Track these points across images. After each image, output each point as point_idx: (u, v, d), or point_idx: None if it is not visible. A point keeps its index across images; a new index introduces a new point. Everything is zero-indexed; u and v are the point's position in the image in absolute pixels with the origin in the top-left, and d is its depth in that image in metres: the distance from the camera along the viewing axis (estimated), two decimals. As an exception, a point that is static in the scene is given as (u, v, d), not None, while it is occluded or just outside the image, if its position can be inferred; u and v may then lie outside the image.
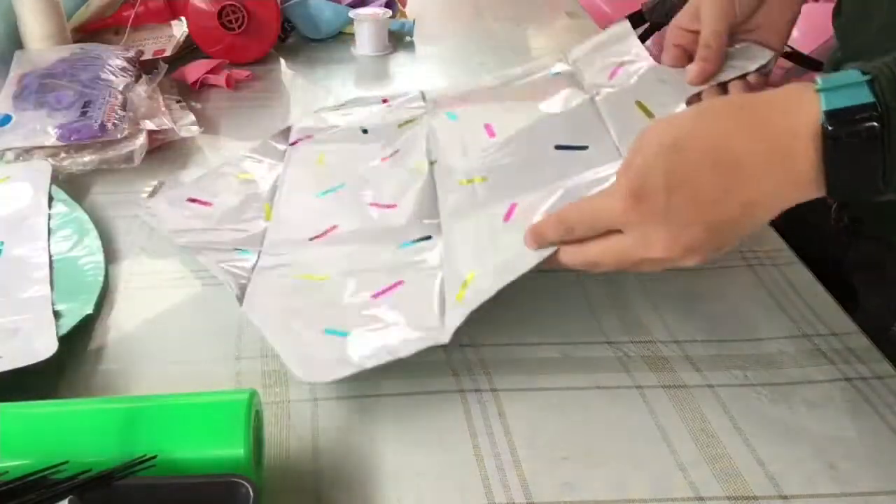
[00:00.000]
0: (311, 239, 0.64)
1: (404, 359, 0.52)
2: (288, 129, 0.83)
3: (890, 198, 0.43)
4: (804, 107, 0.43)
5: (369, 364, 0.50)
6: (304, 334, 0.53)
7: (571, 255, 0.51)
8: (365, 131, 0.80)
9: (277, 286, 0.59)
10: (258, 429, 0.45)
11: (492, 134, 0.70)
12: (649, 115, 0.64)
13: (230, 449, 0.42)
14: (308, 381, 0.49)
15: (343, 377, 0.49)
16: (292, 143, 0.80)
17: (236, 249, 0.64)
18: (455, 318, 0.52)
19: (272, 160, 0.77)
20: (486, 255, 0.56)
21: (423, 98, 0.85)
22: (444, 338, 0.51)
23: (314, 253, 0.62)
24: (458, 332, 0.52)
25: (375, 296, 0.56)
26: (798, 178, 0.44)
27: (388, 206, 0.67)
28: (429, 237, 0.62)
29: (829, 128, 0.42)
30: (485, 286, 0.52)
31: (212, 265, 0.61)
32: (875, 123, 0.41)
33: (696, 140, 0.46)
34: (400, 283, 0.57)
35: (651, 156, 0.46)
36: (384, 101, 0.87)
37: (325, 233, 0.65)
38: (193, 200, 0.71)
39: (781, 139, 0.44)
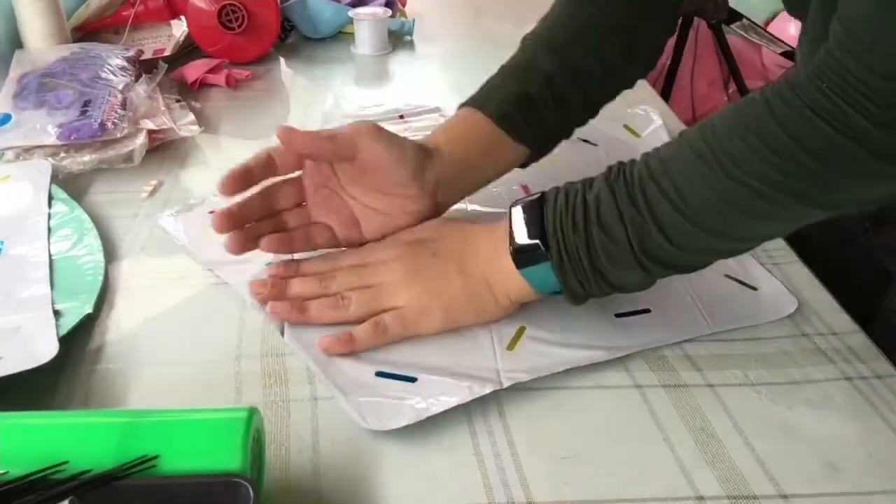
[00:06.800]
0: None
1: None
2: None
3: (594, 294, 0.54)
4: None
5: (431, 412, 0.50)
6: (354, 376, 0.53)
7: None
8: None
9: None
10: (258, 447, 0.43)
11: (529, 193, 0.71)
12: (636, 134, 0.84)
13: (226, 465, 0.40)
14: (371, 428, 0.49)
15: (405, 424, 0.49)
16: None
17: (265, 263, 0.63)
18: (517, 375, 0.53)
19: None
20: (540, 316, 0.58)
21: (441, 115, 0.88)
22: (505, 384, 0.52)
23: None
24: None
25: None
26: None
27: None
28: None
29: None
30: (549, 360, 0.54)
31: (242, 290, 0.60)
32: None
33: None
34: None
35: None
36: (400, 116, 0.87)
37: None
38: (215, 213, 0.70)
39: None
